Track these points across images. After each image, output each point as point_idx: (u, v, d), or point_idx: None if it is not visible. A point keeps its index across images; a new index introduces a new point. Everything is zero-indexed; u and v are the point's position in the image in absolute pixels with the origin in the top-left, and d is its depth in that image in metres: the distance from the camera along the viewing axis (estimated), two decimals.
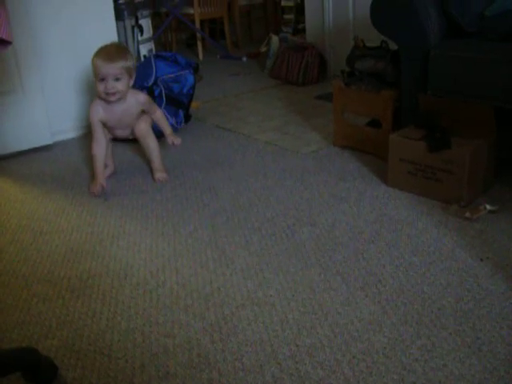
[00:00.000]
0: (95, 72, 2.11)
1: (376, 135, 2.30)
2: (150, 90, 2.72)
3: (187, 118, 2.93)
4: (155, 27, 4.37)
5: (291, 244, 1.72)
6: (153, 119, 2.30)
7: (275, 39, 4.13)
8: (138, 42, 3.27)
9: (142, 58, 3.28)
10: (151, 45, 3.49)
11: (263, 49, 4.36)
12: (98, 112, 2.18)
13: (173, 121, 2.78)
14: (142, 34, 3.30)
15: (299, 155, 2.45)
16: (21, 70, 2.57)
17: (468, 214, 1.78)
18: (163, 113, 2.40)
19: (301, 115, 3.05)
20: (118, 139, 2.42)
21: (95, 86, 2.15)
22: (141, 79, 2.75)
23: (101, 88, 2.11)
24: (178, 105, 2.83)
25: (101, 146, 2.20)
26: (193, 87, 2.89)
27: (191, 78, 2.88)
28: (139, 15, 3.26)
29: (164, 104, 2.73)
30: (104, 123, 2.22)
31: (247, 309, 1.42)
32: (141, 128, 2.26)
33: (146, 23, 3.38)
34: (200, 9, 4.87)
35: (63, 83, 2.83)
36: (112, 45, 2.18)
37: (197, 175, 2.31)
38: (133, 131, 2.29)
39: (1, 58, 2.49)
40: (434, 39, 2.03)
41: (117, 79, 2.10)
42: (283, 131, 2.79)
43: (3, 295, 1.56)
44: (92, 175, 2.30)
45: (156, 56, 2.88)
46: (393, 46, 2.23)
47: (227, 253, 1.70)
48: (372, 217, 1.86)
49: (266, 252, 1.69)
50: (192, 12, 4.87)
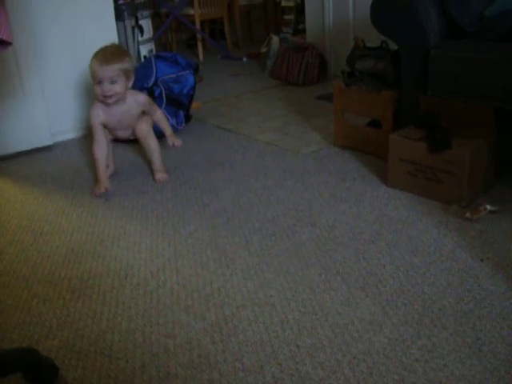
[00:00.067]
0: (92, 75, 2.11)
1: (376, 135, 2.30)
2: (151, 91, 2.72)
3: (187, 119, 2.93)
4: (155, 28, 4.37)
5: (291, 244, 1.72)
6: (153, 120, 2.30)
7: (275, 39, 4.13)
8: (139, 43, 3.27)
9: (143, 59, 3.28)
10: (151, 45, 3.50)
11: (263, 49, 4.36)
12: (99, 115, 2.18)
13: (173, 121, 2.78)
14: (143, 35, 3.30)
15: (299, 155, 2.46)
16: (21, 71, 2.57)
17: (468, 215, 1.78)
18: (164, 113, 2.40)
19: (301, 115, 3.05)
20: (119, 140, 2.42)
21: (93, 89, 2.15)
22: (141, 80, 2.75)
23: (98, 91, 2.11)
24: (179, 105, 2.83)
25: (102, 149, 2.21)
26: (193, 88, 2.90)
27: (191, 79, 2.88)
28: (139, 16, 3.26)
29: (164, 104, 2.74)
30: (105, 125, 2.23)
31: (248, 309, 1.42)
32: (142, 129, 2.26)
33: (146, 24, 3.38)
34: (200, 9, 4.87)
35: (63, 84, 2.83)
36: (110, 46, 2.17)
37: (197, 176, 2.31)
38: (134, 132, 2.29)
39: (1, 59, 2.49)
40: (434, 39, 2.03)
41: (113, 82, 2.09)
42: (283, 131, 2.80)
43: (4, 296, 1.56)
44: (95, 177, 2.31)
45: (156, 56, 2.89)
46: (393, 47, 2.23)
47: (228, 253, 1.70)
48: (372, 217, 1.86)
49: (267, 252, 1.69)
50: (192, 12, 4.88)
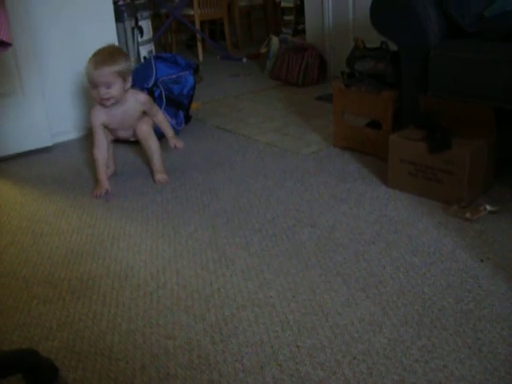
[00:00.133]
0: (87, 79, 2.11)
1: (376, 136, 2.30)
2: (150, 92, 2.72)
3: (187, 119, 2.93)
4: (155, 28, 4.37)
5: (292, 245, 1.72)
6: (155, 122, 2.30)
7: (275, 40, 4.13)
8: (138, 44, 3.27)
9: (142, 60, 3.28)
10: (151, 46, 3.50)
11: (263, 50, 4.36)
12: (100, 116, 2.18)
13: (173, 122, 2.78)
14: (142, 36, 3.30)
15: (299, 156, 2.46)
16: (21, 72, 2.57)
17: (468, 215, 1.78)
18: (164, 115, 2.40)
19: (301, 116, 3.05)
20: (120, 140, 2.42)
21: (90, 92, 2.16)
22: (141, 80, 2.75)
23: (95, 94, 2.12)
24: (178, 106, 2.83)
25: (102, 150, 2.21)
26: (193, 88, 2.90)
27: (191, 79, 2.88)
28: (139, 17, 3.26)
29: (164, 105, 2.74)
30: (106, 126, 2.23)
31: (248, 310, 1.42)
32: (142, 130, 2.26)
33: (146, 25, 3.38)
34: (200, 10, 4.88)
35: (63, 84, 2.84)
36: (104, 49, 2.14)
37: (197, 176, 2.31)
38: (134, 132, 2.29)
39: (1, 60, 2.49)
40: (434, 39, 2.03)
41: (109, 85, 2.08)
42: (283, 132, 2.80)
43: (3, 297, 1.56)
44: (95, 179, 2.31)
45: (156, 57, 2.89)
46: (393, 47, 2.23)
47: (227, 254, 1.70)
48: (372, 218, 1.86)
49: (267, 253, 1.69)
50: (192, 13, 4.88)
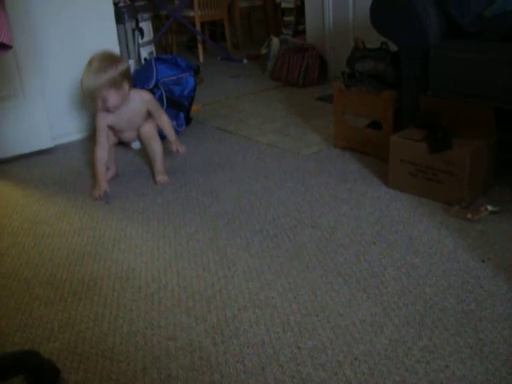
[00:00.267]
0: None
1: (377, 136, 2.30)
2: (151, 93, 2.72)
3: (188, 121, 2.94)
4: (156, 30, 4.37)
5: (292, 246, 1.72)
6: (159, 124, 2.29)
7: (275, 41, 4.14)
8: (139, 45, 3.27)
9: (143, 61, 3.29)
10: (152, 47, 3.50)
11: (264, 51, 4.36)
12: (106, 118, 2.19)
13: (174, 123, 2.78)
14: (143, 37, 3.30)
15: (300, 157, 2.46)
16: (21, 73, 2.58)
17: (469, 215, 1.78)
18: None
19: (301, 117, 3.05)
20: (121, 143, 2.42)
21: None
22: (141, 82, 2.76)
23: (96, 104, 2.14)
24: (179, 107, 2.84)
25: (104, 151, 2.21)
26: (193, 89, 2.90)
27: (192, 81, 2.89)
28: (139, 18, 3.26)
29: (165, 107, 2.74)
30: (112, 127, 2.23)
31: (249, 311, 1.42)
32: (146, 130, 2.26)
33: (147, 26, 3.38)
34: (200, 11, 4.88)
35: (64, 86, 2.84)
36: (91, 63, 2.08)
37: (198, 177, 2.32)
38: (138, 133, 2.29)
39: (1, 60, 2.50)
40: (434, 39, 2.03)
41: (104, 98, 2.09)
42: (284, 133, 2.80)
43: (5, 298, 1.56)
44: (94, 179, 2.31)
45: (156, 59, 2.89)
46: (393, 48, 2.24)
47: (228, 255, 1.70)
48: (373, 218, 1.86)
49: (268, 254, 1.69)
50: (192, 14, 4.88)
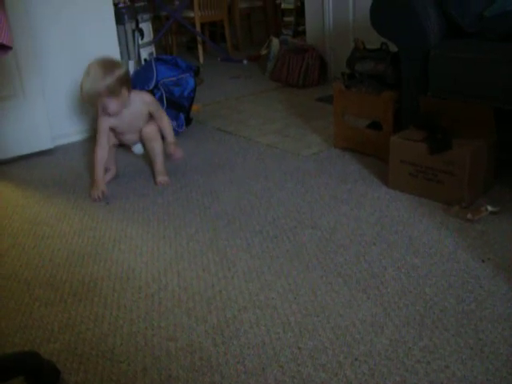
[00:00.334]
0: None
1: (377, 137, 2.30)
2: (151, 94, 2.73)
3: (188, 122, 2.94)
4: (156, 31, 4.38)
5: (293, 246, 1.72)
6: (159, 126, 2.28)
7: (275, 42, 4.14)
8: (139, 46, 3.28)
9: (143, 62, 3.29)
10: (152, 48, 3.50)
11: (264, 51, 4.36)
12: (107, 120, 2.19)
13: (174, 124, 2.78)
14: (143, 38, 3.30)
15: (300, 158, 2.46)
16: (21, 73, 2.57)
17: (469, 216, 1.78)
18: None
19: (301, 118, 3.05)
20: (121, 145, 2.42)
21: None
22: (141, 83, 2.76)
23: (96, 110, 2.17)
24: (179, 108, 2.84)
25: (104, 152, 2.21)
26: (193, 90, 2.90)
27: (192, 81, 2.89)
28: (139, 19, 3.27)
29: (165, 107, 2.74)
30: (114, 129, 2.23)
31: (249, 312, 1.42)
32: (147, 131, 2.26)
33: (147, 27, 3.39)
34: (200, 12, 4.88)
35: (64, 87, 2.84)
36: (89, 72, 2.07)
37: (198, 178, 2.32)
38: (140, 134, 2.29)
39: (1, 60, 2.50)
40: (434, 39, 2.03)
41: (103, 106, 2.10)
42: (284, 134, 2.80)
43: (5, 299, 1.56)
44: (92, 179, 2.31)
45: (157, 59, 2.89)
46: (393, 48, 2.24)
47: (229, 256, 1.70)
48: (373, 219, 1.86)
49: (268, 255, 1.69)
50: (192, 15, 4.88)
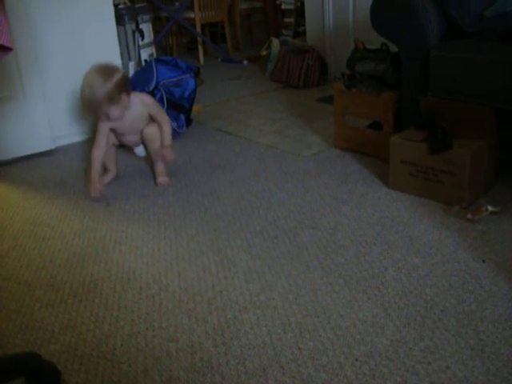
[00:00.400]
0: None
1: (377, 137, 2.31)
2: (151, 95, 2.73)
3: (188, 122, 2.94)
4: (156, 31, 4.38)
5: (293, 247, 1.72)
6: (159, 127, 2.28)
7: (276, 42, 4.14)
8: (139, 47, 3.28)
9: (143, 63, 3.29)
10: (152, 49, 3.51)
11: (264, 52, 4.36)
12: (108, 122, 2.18)
13: (174, 125, 2.78)
14: (143, 39, 3.31)
15: (300, 158, 2.46)
16: (22, 74, 2.57)
17: (470, 216, 1.78)
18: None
19: (302, 118, 3.05)
20: (122, 146, 2.42)
21: None
22: (142, 84, 2.76)
23: (97, 117, 2.19)
24: (180, 109, 2.84)
25: (101, 151, 2.21)
26: (194, 91, 2.90)
27: (192, 82, 2.89)
28: (140, 20, 3.27)
29: (165, 108, 2.74)
30: (115, 130, 2.24)
31: (250, 312, 1.42)
32: (149, 132, 2.26)
33: (147, 28, 3.39)
34: (201, 13, 4.88)
35: (64, 87, 2.83)
36: (88, 76, 2.07)
37: (198, 179, 2.32)
38: (141, 135, 2.29)
39: (2, 63, 2.50)
40: (434, 40, 2.03)
41: (105, 113, 2.11)
42: (284, 134, 2.80)
43: (6, 300, 1.56)
44: (89, 178, 2.31)
45: (157, 60, 2.89)
46: (393, 49, 2.24)
47: (229, 256, 1.70)
48: (374, 219, 1.86)
49: (268, 255, 1.69)
50: (193, 16, 4.89)
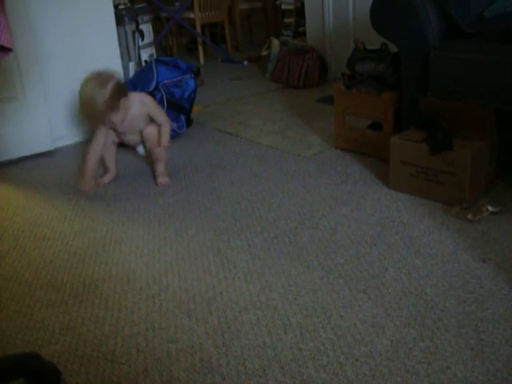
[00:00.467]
0: None
1: (377, 138, 2.31)
2: (151, 96, 2.73)
3: (189, 123, 2.94)
4: (156, 32, 4.38)
5: (293, 247, 1.72)
6: (158, 128, 2.28)
7: (276, 43, 4.14)
8: (139, 47, 3.28)
9: (143, 63, 3.29)
10: (152, 50, 3.51)
11: (264, 52, 4.36)
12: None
13: (174, 125, 2.78)
14: (143, 39, 3.31)
15: (301, 158, 2.46)
16: (22, 75, 2.57)
17: (470, 216, 1.78)
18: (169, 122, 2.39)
19: (302, 118, 3.05)
20: (124, 145, 2.43)
21: None
22: (142, 84, 2.76)
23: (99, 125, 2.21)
24: (180, 109, 2.84)
25: (97, 149, 2.22)
26: (194, 92, 2.90)
27: (192, 83, 2.89)
28: (140, 20, 3.27)
29: (165, 109, 2.74)
30: (115, 129, 2.24)
31: (250, 313, 1.42)
32: (149, 132, 2.26)
33: (147, 28, 3.39)
34: (201, 13, 4.88)
35: (64, 88, 2.83)
36: (84, 93, 2.07)
37: (198, 179, 2.32)
38: (141, 134, 2.29)
39: (2, 64, 2.50)
40: (434, 40, 2.03)
41: (107, 120, 2.13)
42: (284, 135, 2.80)
43: (6, 301, 1.56)
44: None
45: (157, 61, 2.89)
46: (393, 49, 2.24)
47: (229, 257, 1.70)
48: (374, 219, 1.86)
49: (268, 255, 1.69)
50: (193, 16, 4.89)
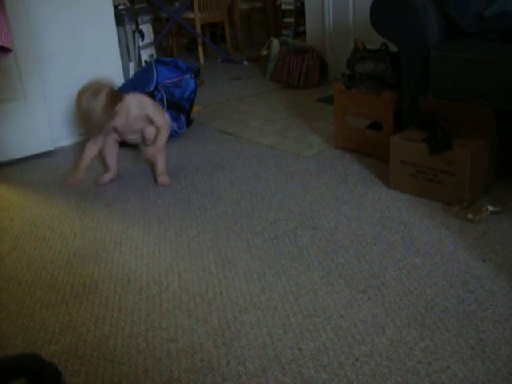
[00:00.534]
0: None
1: (377, 137, 2.31)
2: (151, 96, 2.73)
3: (189, 123, 2.94)
4: (156, 32, 4.38)
5: (293, 247, 1.72)
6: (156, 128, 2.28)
7: (276, 43, 4.14)
8: (139, 48, 3.28)
9: (143, 64, 3.29)
10: (152, 50, 3.51)
11: (264, 52, 4.36)
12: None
13: (174, 126, 2.78)
14: (143, 40, 3.31)
15: (301, 158, 2.46)
16: (22, 76, 2.57)
17: (470, 216, 1.78)
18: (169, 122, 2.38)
19: (302, 118, 3.05)
20: (126, 145, 2.43)
21: None
22: (142, 85, 2.76)
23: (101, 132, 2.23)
24: (180, 109, 2.84)
25: (95, 146, 2.25)
26: (194, 92, 2.90)
27: (192, 83, 2.89)
28: (140, 20, 3.27)
29: (165, 109, 2.74)
30: (115, 129, 2.24)
31: (250, 313, 1.42)
32: (149, 131, 2.26)
33: (147, 28, 3.39)
34: (200, 13, 4.88)
35: (64, 88, 2.83)
36: (79, 109, 2.06)
37: (198, 179, 2.32)
38: (142, 134, 2.29)
39: (2, 64, 2.50)
40: (434, 40, 2.03)
41: (111, 127, 2.16)
42: (284, 134, 2.80)
43: (6, 301, 1.56)
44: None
45: (157, 61, 2.89)
46: (393, 49, 2.24)
47: (229, 257, 1.70)
48: (374, 219, 1.86)
49: (269, 255, 1.69)
50: (192, 16, 4.89)
